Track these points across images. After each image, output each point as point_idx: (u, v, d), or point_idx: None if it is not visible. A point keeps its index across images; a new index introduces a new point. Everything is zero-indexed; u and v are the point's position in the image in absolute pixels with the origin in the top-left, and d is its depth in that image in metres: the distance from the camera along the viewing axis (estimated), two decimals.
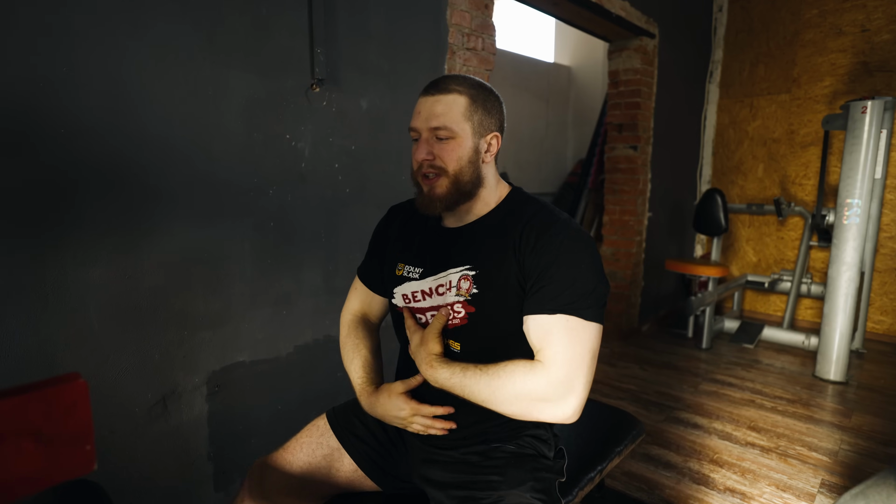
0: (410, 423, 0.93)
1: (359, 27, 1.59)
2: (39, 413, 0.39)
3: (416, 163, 0.92)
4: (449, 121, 0.88)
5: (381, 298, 1.12)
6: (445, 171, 0.90)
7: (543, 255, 0.85)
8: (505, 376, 0.82)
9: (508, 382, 0.82)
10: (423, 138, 0.91)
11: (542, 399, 0.81)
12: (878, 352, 3.20)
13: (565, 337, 0.81)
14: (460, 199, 0.92)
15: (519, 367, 0.82)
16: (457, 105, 0.89)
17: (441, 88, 0.90)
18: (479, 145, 0.91)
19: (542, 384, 0.80)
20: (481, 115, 0.91)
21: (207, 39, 1.27)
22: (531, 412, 0.82)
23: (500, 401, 0.82)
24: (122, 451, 1.22)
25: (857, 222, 2.63)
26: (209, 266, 1.33)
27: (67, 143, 1.08)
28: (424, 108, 0.90)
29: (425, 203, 0.93)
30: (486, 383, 0.83)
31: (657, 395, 2.56)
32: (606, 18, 2.69)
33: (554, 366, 0.80)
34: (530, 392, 0.81)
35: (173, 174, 1.24)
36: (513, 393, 0.81)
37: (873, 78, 3.28)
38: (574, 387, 0.80)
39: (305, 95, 1.48)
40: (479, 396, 0.84)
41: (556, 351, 0.81)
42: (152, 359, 1.25)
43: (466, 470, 0.94)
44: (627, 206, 3.28)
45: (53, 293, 1.08)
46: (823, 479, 1.84)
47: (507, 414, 0.84)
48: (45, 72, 1.04)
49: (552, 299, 0.82)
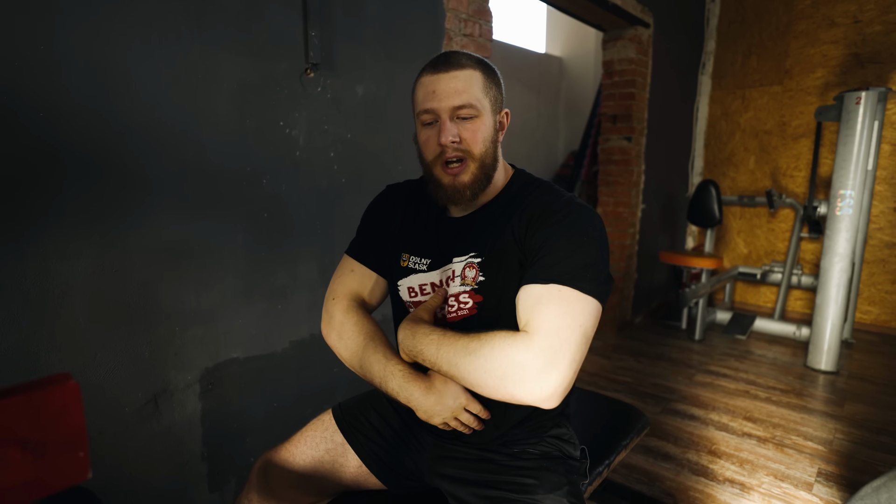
0: (458, 415, 0.82)
1: (355, 10, 1.54)
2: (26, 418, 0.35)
3: (435, 149, 0.83)
4: (472, 97, 0.82)
5: (382, 281, 0.99)
6: (472, 154, 0.83)
7: (543, 229, 0.80)
8: (485, 341, 0.73)
9: (488, 349, 0.72)
10: (444, 119, 0.82)
11: (521, 369, 0.70)
12: (866, 341, 3.24)
13: (556, 307, 0.73)
14: (485, 185, 0.86)
15: (499, 335, 0.73)
16: (475, 80, 0.83)
17: (454, 64, 0.83)
18: (496, 123, 0.87)
19: (522, 353, 0.70)
20: (495, 91, 0.87)
21: (197, 19, 1.20)
22: (507, 387, 0.71)
23: (476, 375, 0.73)
24: (113, 452, 1.16)
25: (849, 213, 2.64)
26: (200, 259, 1.28)
27: (47, 127, 1.01)
28: (440, 86, 0.82)
29: (449, 195, 0.85)
30: (463, 353, 0.74)
31: (653, 387, 2.56)
32: (602, 7, 2.66)
33: (538, 334, 0.71)
34: (509, 362, 0.71)
35: (161, 162, 1.18)
36: (492, 363, 0.72)
37: (865, 69, 3.29)
38: (557, 360, 0.70)
39: (300, 81, 1.42)
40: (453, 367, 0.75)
41: (543, 319, 0.72)
42: (142, 356, 1.19)
43: (489, 469, 0.90)
44: (621, 197, 3.27)
45: (35, 289, 1.02)
46: (820, 468, 1.84)
47: (480, 389, 0.74)
48: (22, 51, 0.97)
49: (546, 268, 0.76)
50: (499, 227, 0.86)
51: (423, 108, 0.84)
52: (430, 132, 0.84)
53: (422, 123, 0.86)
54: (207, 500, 1.36)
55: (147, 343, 1.20)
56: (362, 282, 0.98)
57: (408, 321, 0.84)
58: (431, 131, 0.84)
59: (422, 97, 0.84)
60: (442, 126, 0.82)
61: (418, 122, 0.87)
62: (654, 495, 1.69)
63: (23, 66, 0.97)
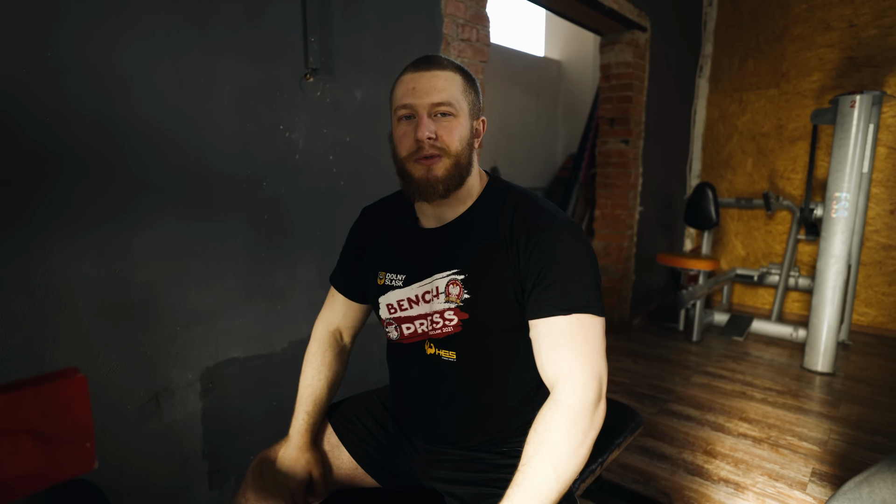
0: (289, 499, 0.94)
1: (353, 16, 1.56)
2: (37, 410, 0.37)
3: (411, 144, 0.82)
4: (451, 97, 0.82)
5: (359, 307, 1.06)
6: (447, 151, 0.82)
7: (542, 254, 0.80)
8: (550, 441, 0.73)
9: (559, 440, 0.73)
10: (421, 116, 0.82)
11: (589, 420, 0.75)
12: (863, 343, 3.25)
13: (582, 340, 0.78)
14: (458, 183, 0.85)
15: (551, 420, 0.75)
16: (455, 82, 0.83)
17: (436, 64, 0.83)
18: (472, 128, 0.87)
19: (578, 406, 0.75)
20: (474, 97, 0.87)
21: (198, 25, 1.23)
22: (587, 442, 0.76)
23: (565, 465, 0.73)
24: (115, 449, 1.19)
25: (845, 216, 2.66)
26: (202, 260, 1.30)
27: (53, 132, 1.04)
28: (420, 83, 0.82)
29: (421, 189, 0.83)
30: (539, 469, 0.72)
31: (650, 387, 2.57)
32: (599, 11, 2.69)
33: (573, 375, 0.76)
34: (578, 426, 0.75)
35: (163, 165, 1.21)
36: (568, 445, 0.74)
37: (860, 73, 3.32)
38: (600, 393, 0.78)
39: (299, 85, 1.45)
40: (549, 489, 0.72)
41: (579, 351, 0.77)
42: (144, 355, 1.22)
43: (482, 469, 0.92)
44: (619, 200, 3.29)
45: (41, 288, 1.04)
46: (814, 468, 1.86)
47: (574, 471, 0.74)
48: (29, 56, 0.99)
49: (563, 298, 0.78)
50: (484, 242, 0.86)
51: (402, 103, 0.83)
52: (406, 127, 0.84)
53: (398, 119, 0.85)
54: (207, 497, 1.38)
55: (149, 342, 1.22)
56: (339, 310, 1.06)
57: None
58: (408, 126, 0.83)
59: (401, 93, 0.84)
60: (420, 121, 0.82)
61: (395, 118, 0.86)
62: (649, 494, 1.71)
63: (30, 72, 1.00)
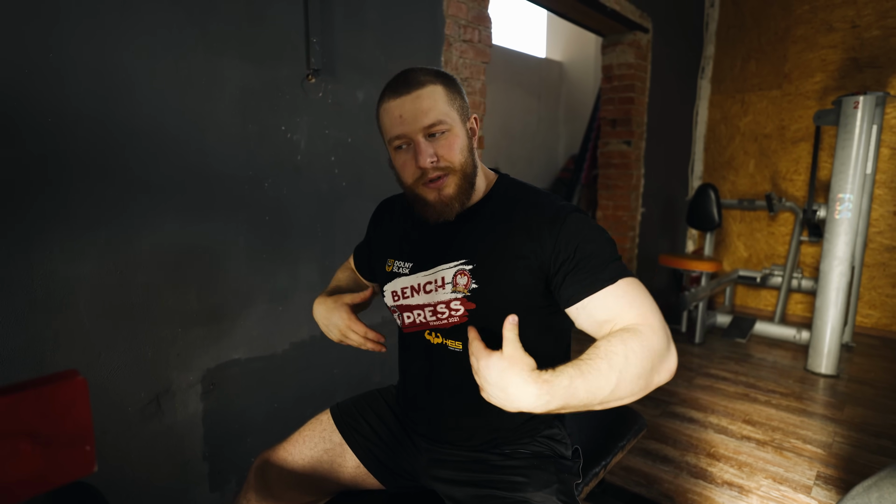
0: (346, 333, 0.94)
1: (355, 17, 1.56)
2: (36, 412, 0.37)
3: (414, 172, 0.83)
4: (440, 113, 0.81)
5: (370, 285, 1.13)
6: (452, 167, 0.83)
7: (567, 242, 0.80)
8: (623, 353, 0.68)
9: (632, 358, 0.68)
10: (418, 141, 0.81)
11: (659, 358, 0.71)
12: (867, 345, 3.24)
13: (634, 295, 0.76)
14: (470, 191, 0.87)
15: (629, 339, 0.70)
16: (438, 95, 0.82)
17: (414, 83, 0.82)
18: (467, 131, 0.87)
19: (656, 342, 0.71)
20: (460, 100, 0.86)
21: (200, 26, 1.23)
22: (652, 381, 0.71)
23: (626, 385, 0.68)
24: (115, 451, 1.18)
25: (848, 217, 2.65)
26: (203, 261, 1.30)
27: (55, 132, 1.03)
28: (406, 108, 0.81)
29: (437, 211, 0.85)
30: (607, 372, 0.67)
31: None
32: (601, 12, 2.68)
33: (647, 318, 0.73)
34: (651, 357, 0.70)
35: (165, 166, 1.20)
36: (637, 369, 0.69)
37: (863, 74, 3.31)
38: (668, 331, 0.74)
39: (301, 86, 1.44)
40: (601, 394, 0.67)
41: (636, 308, 0.75)
42: (145, 356, 1.21)
43: (482, 469, 0.91)
44: (621, 201, 3.28)
45: (42, 289, 1.04)
46: (819, 472, 1.85)
47: (625, 398, 0.69)
48: (31, 57, 0.99)
49: (601, 272, 0.78)
50: (491, 234, 0.86)
51: (394, 134, 0.83)
52: (405, 156, 0.84)
53: (394, 149, 0.85)
54: (208, 499, 1.38)
55: (150, 343, 1.22)
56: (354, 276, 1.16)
57: (522, 377, 0.66)
58: (407, 155, 0.83)
59: (389, 124, 0.83)
60: (417, 148, 0.81)
61: (391, 148, 0.86)
62: (652, 497, 1.70)
63: (32, 73, 0.99)
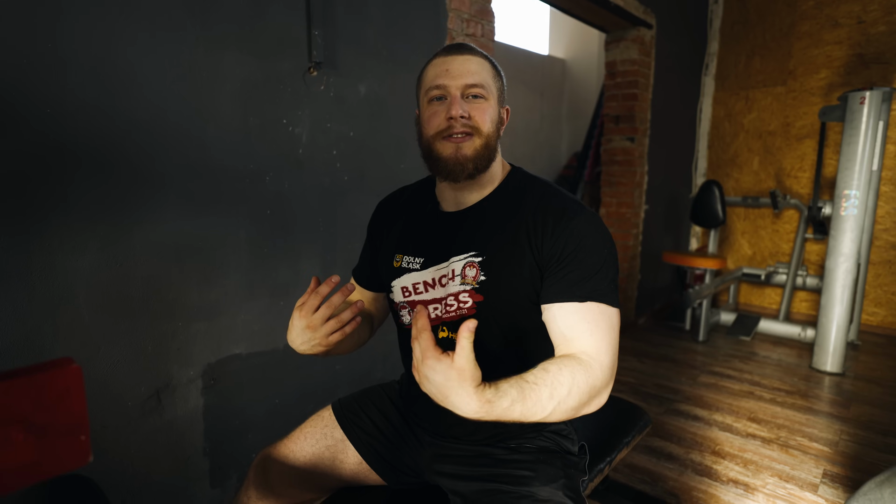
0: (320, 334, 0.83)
1: (357, 10, 1.54)
2: (29, 400, 0.36)
3: (441, 122, 0.83)
4: (483, 79, 0.84)
5: (380, 298, 1.08)
6: (479, 130, 0.83)
7: (567, 240, 0.80)
8: (568, 387, 0.70)
9: (574, 392, 0.71)
10: (455, 96, 0.83)
11: (596, 395, 0.75)
12: (872, 343, 3.21)
13: (599, 325, 0.77)
14: (486, 164, 0.86)
15: (578, 374, 0.72)
16: (486, 67, 0.86)
17: (467, 50, 0.86)
18: (500, 113, 0.89)
19: (600, 381, 0.75)
20: (500, 84, 0.89)
21: (201, 18, 1.21)
22: (580, 412, 0.75)
23: (558, 414, 0.71)
24: (115, 446, 1.17)
25: (854, 214, 2.63)
26: (204, 255, 1.28)
27: (54, 124, 1.02)
28: (454, 65, 0.83)
29: (450, 167, 0.83)
30: (546, 401, 0.69)
31: (656, 387, 2.54)
32: (605, 8, 2.66)
33: (601, 355, 0.76)
34: (590, 393, 0.73)
35: (165, 159, 1.19)
36: (575, 402, 0.72)
37: (869, 70, 3.28)
38: (612, 374, 0.78)
39: (303, 79, 1.43)
40: (534, 417, 0.69)
41: (596, 339, 0.77)
42: (145, 351, 1.20)
43: (487, 463, 0.90)
44: (624, 198, 3.26)
45: (41, 282, 1.03)
46: (825, 470, 1.83)
47: (558, 419, 0.72)
48: (30, 48, 0.98)
49: (579, 285, 0.78)
50: (504, 225, 0.86)
51: (434, 84, 0.84)
52: (437, 107, 0.84)
53: (429, 100, 0.85)
54: (208, 495, 1.37)
55: (150, 337, 1.21)
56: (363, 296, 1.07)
57: (465, 389, 0.64)
58: (440, 106, 0.84)
59: (433, 75, 0.85)
60: (453, 101, 0.82)
61: (424, 101, 0.86)
62: (657, 495, 1.68)
63: (31, 63, 0.98)
